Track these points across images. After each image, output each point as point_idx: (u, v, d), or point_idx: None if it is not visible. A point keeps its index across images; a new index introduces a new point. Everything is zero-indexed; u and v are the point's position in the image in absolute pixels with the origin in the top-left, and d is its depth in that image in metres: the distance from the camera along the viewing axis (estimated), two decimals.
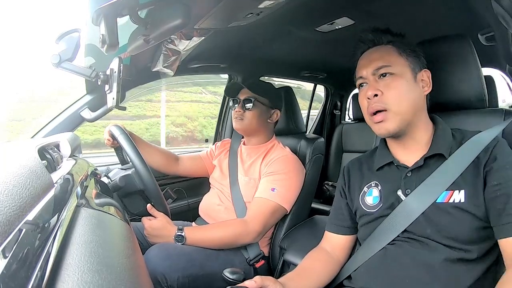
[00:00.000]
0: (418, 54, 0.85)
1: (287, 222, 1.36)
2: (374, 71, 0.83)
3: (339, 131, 2.67)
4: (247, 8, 1.00)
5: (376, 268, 0.83)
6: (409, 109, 0.81)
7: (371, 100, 0.82)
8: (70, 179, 0.69)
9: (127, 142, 1.14)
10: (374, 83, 0.83)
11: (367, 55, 0.87)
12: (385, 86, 0.82)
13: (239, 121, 1.41)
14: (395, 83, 0.81)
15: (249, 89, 1.40)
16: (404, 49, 0.84)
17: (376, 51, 0.86)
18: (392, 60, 0.83)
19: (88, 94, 1.39)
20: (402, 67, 0.83)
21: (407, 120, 0.81)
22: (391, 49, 0.85)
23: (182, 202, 1.81)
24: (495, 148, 0.77)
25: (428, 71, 0.86)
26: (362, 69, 0.86)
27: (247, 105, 1.40)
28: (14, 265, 0.30)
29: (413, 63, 0.84)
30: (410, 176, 0.83)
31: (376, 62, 0.83)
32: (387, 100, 0.81)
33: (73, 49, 1.02)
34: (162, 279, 1.05)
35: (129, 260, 0.49)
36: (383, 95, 0.81)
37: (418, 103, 0.83)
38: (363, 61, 0.88)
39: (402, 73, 0.82)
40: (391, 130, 0.82)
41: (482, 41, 1.40)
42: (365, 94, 0.84)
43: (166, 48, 1.26)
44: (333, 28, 1.38)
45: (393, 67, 0.82)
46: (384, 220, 0.84)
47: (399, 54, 0.84)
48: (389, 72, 0.82)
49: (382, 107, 0.81)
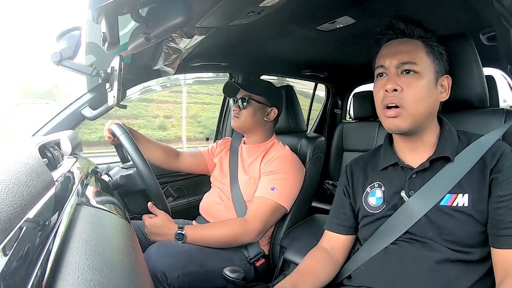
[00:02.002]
0: (443, 58, 0.83)
1: (287, 221, 1.36)
2: (399, 65, 0.79)
3: (339, 130, 2.66)
4: (248, 7, 1.00)
5: (377, 267, 0.83)
6: (424, 112, 0.79)
7: (389, 93, 0.79)
8: (71, 177, 0.69)
9: (127, 140, 1.13)
10: (395, 77, 0.79)
11: (394, 45, 0.83)
12: (406, 83, 0.78)
13: (236, 119, 1.43)
14: (417, 83, 0.78)
15: (243, 88, 1.41)
16: (433, 49, 0.81)
17: (404, 44, 0.82)
18: (419, 58, 0.79)
19: (89, 92, 1.39)
20: (427, 67, 0.79)
21: (419, 122, 0.80)
22: (420, 45, 0.81)
23: (182, 201, 1.81)
24: (503, 157, 0.76)
25: (449, 78, 0.83)
26: (385, 58, 0.82)
27: (243, 103, 1.41)
28: (14, 263, 0.30)
29: (438, 66, 0.81)
30: (415, 178, 0.82)
31: (402, 55, 0.79)
32: (406, 98, 0.78)
33: (74, 47, 1.02)
34: (162, 277, 1.05)
35: (129, 258, 0.49)
36: (403, 91, 0.78)
37: (433, 107, 0.81)
38: (387, 50, 0.83)
39: (426, 74, 0.79)
40: (401, 128, 0.80)
41: (483, 41, 1.40)
42: (383, 86, 0.80)
43: (167, 47, 1.26)
44: (335, 27, 1.37)
45: (419, 66, 0.78)
46: (386, 220, 0.84)
47: (426, 53, 0.80)
48: (413, 70, 0.78)
49: (398, 103, 0.78)
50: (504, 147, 0.78)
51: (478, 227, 0.74)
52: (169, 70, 1.38)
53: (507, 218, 0.71)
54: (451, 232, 0.75)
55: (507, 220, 0.70)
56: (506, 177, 0.73)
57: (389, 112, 0.80)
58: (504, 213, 0.71)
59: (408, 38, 0.83)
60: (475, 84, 0.90)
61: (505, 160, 0.75)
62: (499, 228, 0.71)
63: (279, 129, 1.57)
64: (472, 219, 0.74)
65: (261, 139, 1.46)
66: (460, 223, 0.75)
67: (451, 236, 0.75)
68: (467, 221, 0.74)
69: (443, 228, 0.76)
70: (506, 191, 0.72)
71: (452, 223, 0.75)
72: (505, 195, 0.72)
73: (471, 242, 0.74)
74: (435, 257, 0.75)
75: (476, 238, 0.74)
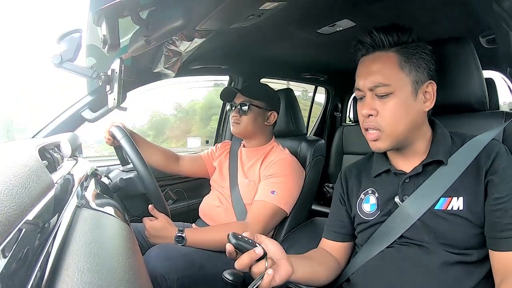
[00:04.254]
0: (425, 62, 0.78)
1: (287, 224, 1.35)
2: (372, 87, 0.78)
3: (339, 133, 2.67)
4: (248, 10, 1.00)
5: (374, 271, 0.82)
6: (405, 129, 0.78)
7: (366, 118, 0.80)
8: (71, 179, 0.69)
9: (128, 144, 1.13)
10: (370, 101, 0.79)
11: (366, 64, 0.81)
12: (381, 106, 0.77)
13: (236, 126, 1.42)
14: (392, 103, 0.76)
15: (242, 94, 1.41)
16: (409, 57, 0.77)
17: (376, 62, 0.79)
18: (391, 76, 0.76)
19: (89, 95, 1.39)
20: (402, 83, 0.76)
21: (401, 139, 0.79)
22: (393, 58, 0.77)
23: (182, 203, 1.81)
24: (497, 157, 0.75)
25: (433, 83, 0.79)
26: (359, 79, 0.81)
27: (243, 109, 1.41)
28: (13, 265, 0.30)
29: (416, 75, 0.77)
30: (408, 183, 0.82)
31: (374, 77, 0.77)
32: (382, 122, 0.77)
33: (74, 49, 1.02)
34: (162, 280, 1.05)
35: (129, 261, 0.49)
36: (379, 115, 0.78)
37: (416, 120, 0.79)
38: (361, 69, 0.82)
39: (401, 91, 0.76)
40: (383, 149, 0.81)
41: (483, 44, 1.40)
42: (360, 110, 0.81)
43: (167, 49, 1.26)
44: (334, 30, 1.38)
45: (392, 86, 0.76)
46: (381, 225, 0.83)
47: (400, 66, 0.76)
48: (386, 92, 0.76)
49: (376, 127, 0.78)
50: (498, 147, 0.77)
51: (474, 229, 0.73)
52: (169, 73, 1.38)
53: (504, 220, 0.70)
54: (447, 236, 0.75)
55: (505, 222, 0.70)
56: (502, 178, 0.72)
57: (369, 136, 0.81)
58: (501, 215, 0.70)
59: (380, 51, 0.79)
60: (475, 87, 0.90)
61: (500, 160, 0.74)
62: (496, 231, 0.71)
63: (279, 132, 1.57)
64: (468, 222, 0.73)
65: (260, 143, 1.46)
66: (456, 226, 0.74)
67: (447, 240, 0.75)
68: (463, 224, 0.74)
69: (438, 232, 0.75)
70: (502, 193, 0.71)
71: (448, 227, 0.75)
72: (501, 197, 0.71)
73: (469, 244, 0.74)
74: (433, 261, 0.75)
75: (473, 240, 0.74)
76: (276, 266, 0.70)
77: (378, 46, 0.79)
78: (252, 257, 0.66)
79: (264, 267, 0.66)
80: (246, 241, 0.68)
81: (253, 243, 0.68)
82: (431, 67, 0.79)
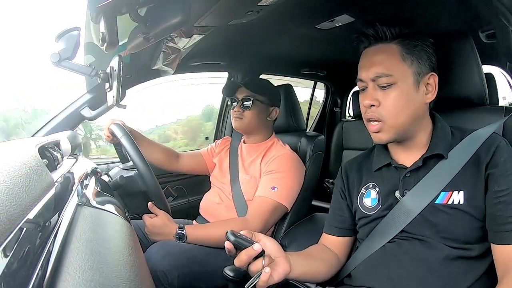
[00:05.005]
0: (427, 55, 0.79)
1: (287, 220, 1.36)
2: (374, 78, 0.78)
3: (339, 129, 2.66)
4: (247, 6, 1.00)
5: (375, 266, 0.83)
6: (407, 120, 0.78)
7: (368, 109, 0.80)
8: (71, 177, 0.69)
9: (128, 141, 1.13)
10: (372, 91, 0.79)
11: (369, 55, 0.82)
12: (383, 96, 0.78)
13: (239, 121, 1.41)
14: (394, 94, 0.77)
15: (247, 88, 1.40)
16: (411, 49, 0.78)
17: (379, 53, 0.80)
18: (394, 66, 0.77)
19: (88, 93, 1.39)
20: (404, 74, 0.77)
21: (403, 131, 0.80)
22: (395, 50, 0.78)
23: (182, 200, 1.81)
24: (498, 150, 0.75)
25: (435, 75, 0.80)
26: (362, 71, 0.82)
27: (246, 104, 1.40)
28: (15, 263, 0.30)
29: (418, 67, 0.78)
30: (409, 177, 0.82)
31: (376, 67, 0.78)
32: (384, 112, 0.78)
33: (73, 47, 1.02)
34: (163, 277, 1.05)
35: (130, 258, 0.49)
36: (380, 105, 0.78)
37: (418, 112, 0.80)
38: (363, 61, 0.82)
39: (404, 82, 0.77)
40: (385, 140, 0.81)
41: (483, 39, 1.39)
42: (363, 101, 0.81)
43: (166, 46, 1.26)
44: (333, 26, 1.37)
45: (394, 76, 0.77)
46: (382, 220, 0.84)
47: (402, 57, 0.77)
48: (389, 82, 0.77)
49: (378, 117, 0.79)
50: (498, 140, 0.77)
51: (475, 223, 0.74)
52: (168, 70, 1.38)
53: (506, 213, 0.70)
54: (448, 230, 0.75)
55: (506, 215, 0.70)
56: (502, 171, 0.72)
57: (371, 127, 0.81)
58: (502, 209, 0.70)
59: (383, 43, 0.81)
60: (474, 81, 0.90)
61: (500, 153, 0.74)
62: (498, 224, 0.71)
63: (279, 128, 1.57)
64: (469, 216, 0.74)
65: (261, 139, 1.46)
66: (457, 220, 0.74)
67: (448, 234, 0.75)
68: (464, 218, 0.74)
69: (439, 226, 0.76)
70: (503, 186, 0.71)
71: (448, 221, 0.75)
72: (502, 190, 0.71)
73: (470, 238, 0.74)
74: (434, 256, 0.75)
75: (475, 234, 0.74)
76: (274, 264, 0.71)
77: (381, 38, 0.81)
78: (250, 254, 0.66)
79: (262, 265, 0.67)
80: (244, 238, 0.68)
81: (251, 241, 0.68)
82: (432, 59, 0.80)
